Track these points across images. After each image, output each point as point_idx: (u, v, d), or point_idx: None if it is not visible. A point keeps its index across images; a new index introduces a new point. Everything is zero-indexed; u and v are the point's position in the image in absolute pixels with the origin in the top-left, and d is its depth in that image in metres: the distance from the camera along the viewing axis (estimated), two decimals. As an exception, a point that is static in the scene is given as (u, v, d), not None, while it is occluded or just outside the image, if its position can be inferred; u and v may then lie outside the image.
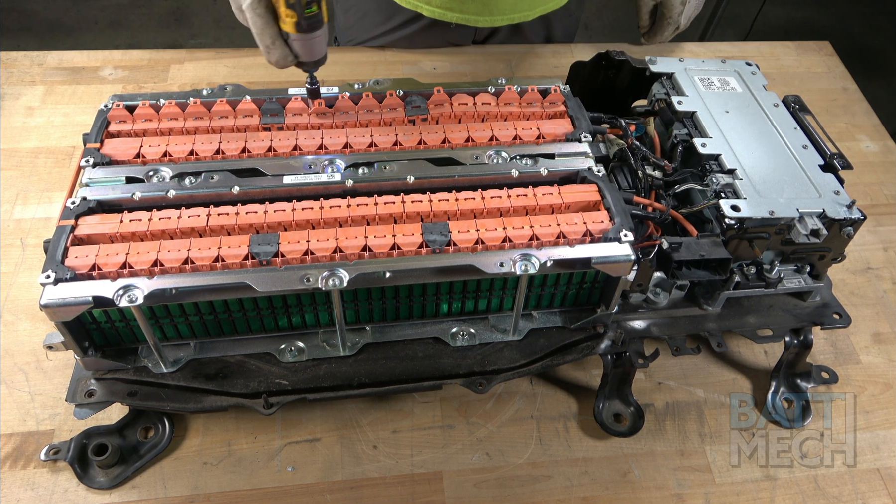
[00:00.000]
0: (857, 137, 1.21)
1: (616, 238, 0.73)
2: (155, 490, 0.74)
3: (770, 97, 0.93)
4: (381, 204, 0.74)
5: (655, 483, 0.79)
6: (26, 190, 1.00)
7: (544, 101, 0.88)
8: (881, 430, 0.85)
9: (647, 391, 0.86)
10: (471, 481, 0.77)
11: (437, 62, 1.25)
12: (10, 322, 0.86)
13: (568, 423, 0.82)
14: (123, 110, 0.82)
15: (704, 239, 0.77)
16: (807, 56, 1.36)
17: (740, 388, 0.87)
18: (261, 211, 0.73)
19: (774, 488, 0.79)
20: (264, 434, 0.79)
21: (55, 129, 1.08)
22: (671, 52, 1.32)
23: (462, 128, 0.83)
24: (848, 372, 0.90)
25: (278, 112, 0.84)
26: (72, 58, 1.19)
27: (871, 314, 0.96)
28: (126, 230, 0.71)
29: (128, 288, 0.66)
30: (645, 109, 0.94)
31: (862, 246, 1.04)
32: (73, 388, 0.75)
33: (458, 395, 0.83)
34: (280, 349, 0.77)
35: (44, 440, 0.76)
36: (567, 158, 0.81)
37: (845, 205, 0.78)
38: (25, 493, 0.73)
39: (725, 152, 0.83)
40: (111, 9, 2.87)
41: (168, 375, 0.75)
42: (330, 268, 0.68)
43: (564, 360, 0.80)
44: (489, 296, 0.78)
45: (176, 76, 1.19)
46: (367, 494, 0.76)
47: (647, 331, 0.84)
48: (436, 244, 0.71)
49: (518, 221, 0.73)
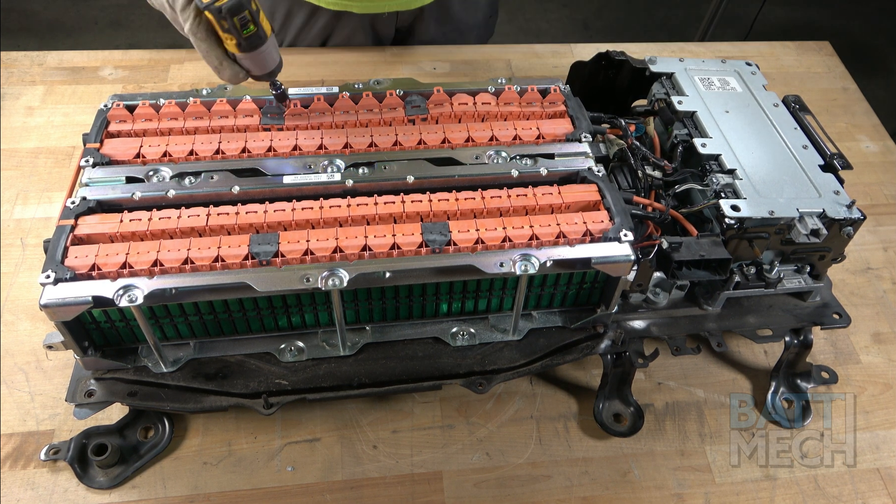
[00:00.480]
0: (857, 137, 1.21)
1: (616, 238, 0.73)
2: (155, 490, 0.74)
3: (770, 97, 0.93)
4: (380, 204, 0.74)
5: (655, 483, 0.79)
6: (26, 190, 1.00)
7: (544, 101, 0.88)
8: (881, 430, 0.85)
9: (647, 391, 0.86)
10: (471, 481, 0.77)
11: (438, 62, 1.25)
12: (10, 322, 0.86)
13: (568, 423, 0.82)
14: (123, 110, 0.82)
15: (704, 239, 0.77)
16: (807, 56, 1.36)
17: (740, 388, 0.87)
18: (261, 211, 0.73)
19: (774, 488, 0.79)
20: (264, 434, 0.79)
21: (55, 129, 1.09)
22: (671, 52, 1.32)
23: (462, 128, 0.83)
24: (848, 372, 0.90)
25: (278, 112, 0.84)
26: (72, 58, 1.19)
27: (871, 314, 0.96)
28: (126, 230, 0.71)
29: (128, 288, 0.66)
30: (645, 109, 0.94)
31: (862, 246, 1.04)
32: (73, 387, 0.75)
33: (458, 395, 0.83)
34: (280, 349, 0.77)
35: (44, 440, 0.76)
36: (567, 158, 0.81)
37: (845, 205, 0.78)
38: (25, 493, 0.73)
39: (725, 152, 0.83)
40: (111, 9, 2.86)
41: (168, 375, 0.75)
42: (330, 268, 0.68)
43: (564, 360, 0.80)
44: (489, 296, 0.78)
45: (176, 76, 1.19)
46: (367, 494, 0.76)
47: (647, 331, 0.84)
48: (436, 244, 0.71)
49: (518, 221, 0.73)
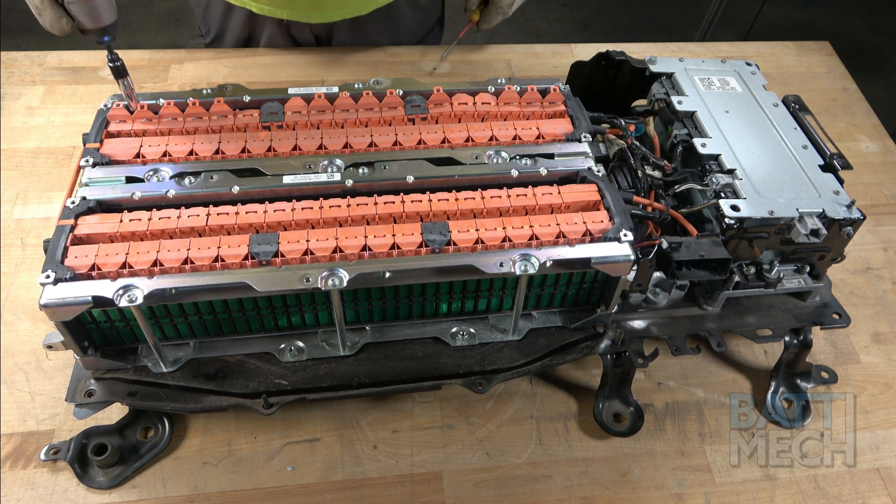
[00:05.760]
0: (857, 137, 1.21)
1: (616, 238, 0.73)
2: (155, 490, 0.74)
3: (770, 97, 0.93)
4: (380, 204, 0.74)
5: (655, 483, 0.79)
6: (26, 190, 1.00)
7: (544, 101, 0.88)
8: (881, 430, 0.85)
9: (646, 391, 0.86)
10: (471, 481, 0.77)
11: (438, 62, 1.25)
12: (10, 322, 0.86)
13: (568, 423, 0.82)
14: (123, 110, 0.82)
15: (704, 239, 0.77)
16: (807, 56, 1.36)
17: (740, 388, 0.87)
18: (260, 211, 0.73)
19: (774, 488, 0.79)
20: (264, 434, 0.79)
21: (55, 129, 1.08)
22: (671, 52, 1.32)
23: (462, 127, 0.83)
24: (848, 372, 0.90)
25: (278, 111, 0.84)
26: (72, 58, 1.19)
27: (871, 314, 0.96)
28: (126, 230, 0.71)
29: (127, 288, 0.66)
30: (645, 109, 0.94)
31: (862, 246, 1.04)
32: (73, 387, 0.75)
33: (457, 394, 0.83)
34: (280, 349, 0.77)
35: (44, 440, 0.76)
36: (567, 158, 0.81)
37: (845, 205, 0.78)
38: (25, 493, 0.73)
39: (725, 152, 0.83)
40: (111, 9, 2.86)
41: (168, 375, 0.75)
42: (330, 268, 0.68)
43: (564, 359, 0.80)
44: (489, 296, 0.78)
45: (176, 76, 1.19)
46: (367, 494, 0.76)
47: (646, 331, 0.84)
48: (435, 244, 0.71)
49: (518, 221, 0.73)
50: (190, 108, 0.83)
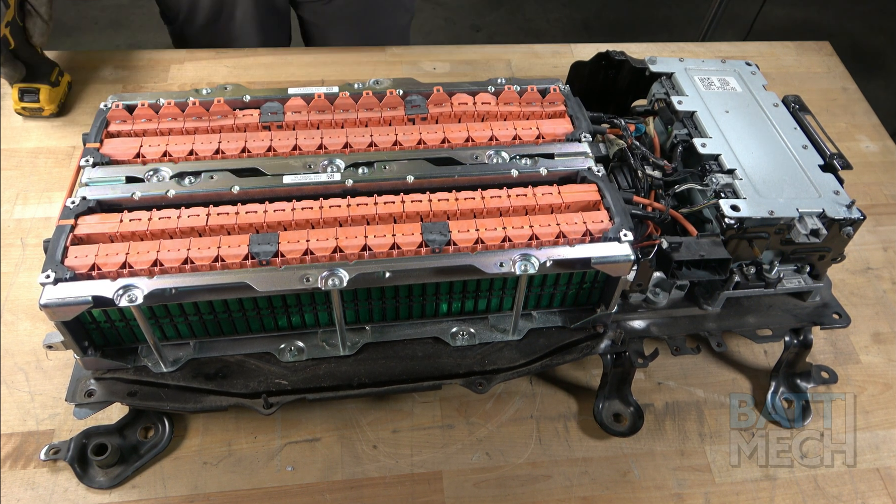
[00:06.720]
0: (856, 137, 1.21)
1: (616, 238, 0.73)
2: (155, 490, 0.74)
3: (770, 97, 0.93)
4: (380, 204, 0.74)
5: (655, 483, 0.79)
6: (26, 190, 1.00)
7: (544, 101, 0.88)
8: (881, 430, 0.85)
9: (646, 391, 0.86)
10: (471, 481, 0.77)
11: (437, 62, 1.25)
12: (10, 322, 0.86)
13: (568, 423, 0.82)
14: (123, 110, 0.82)
15: (704, 239, 0.77)
16: (807, 56, 1.36)
17: (740, 387, 0.87)
18: (260, 211, 0.73)
19: (774, 488, 0.79)
20: (264, 434, 0.79)
21: (55, 129, 1.08)
22: (671, 52, 1.32)
23: (462, 127, 0.83)
24: (848, 372, 0.90)
25: (278, 111, 0.84)
26: (72, 58, 1.19)
27: (870, 314, 0.96)
28: (126, 230, 0.71)
29: (127, 288, 0.66)
30: (645, 109, 0.94)
31: (862, 246, 1.04)
32: (73, 387, 0.75)
33: (457, 394, 0.83)
34: (280, 349, 0.77)
35: (44, 440, 0.76)
36: (567, 158, 0.81)
37: (845, 205, 0.78)
38: (25, 493, 0.73)
39: (725, 152, 0.83)
40: (111, 9, 2.86)
41: (168, 375, 0.75)
42: (330, 268, 0.68)
43: (564, 359, 0.80)
44: (489, 296, 0.78)
45: (176, 76, 1.19)
46: (367, 494, 0.76)
47: (646, 331, 0.84)
48: (435, 244, 0.71)
49: (518, 221, 0.73)
50: (190, 108, 0.83)
